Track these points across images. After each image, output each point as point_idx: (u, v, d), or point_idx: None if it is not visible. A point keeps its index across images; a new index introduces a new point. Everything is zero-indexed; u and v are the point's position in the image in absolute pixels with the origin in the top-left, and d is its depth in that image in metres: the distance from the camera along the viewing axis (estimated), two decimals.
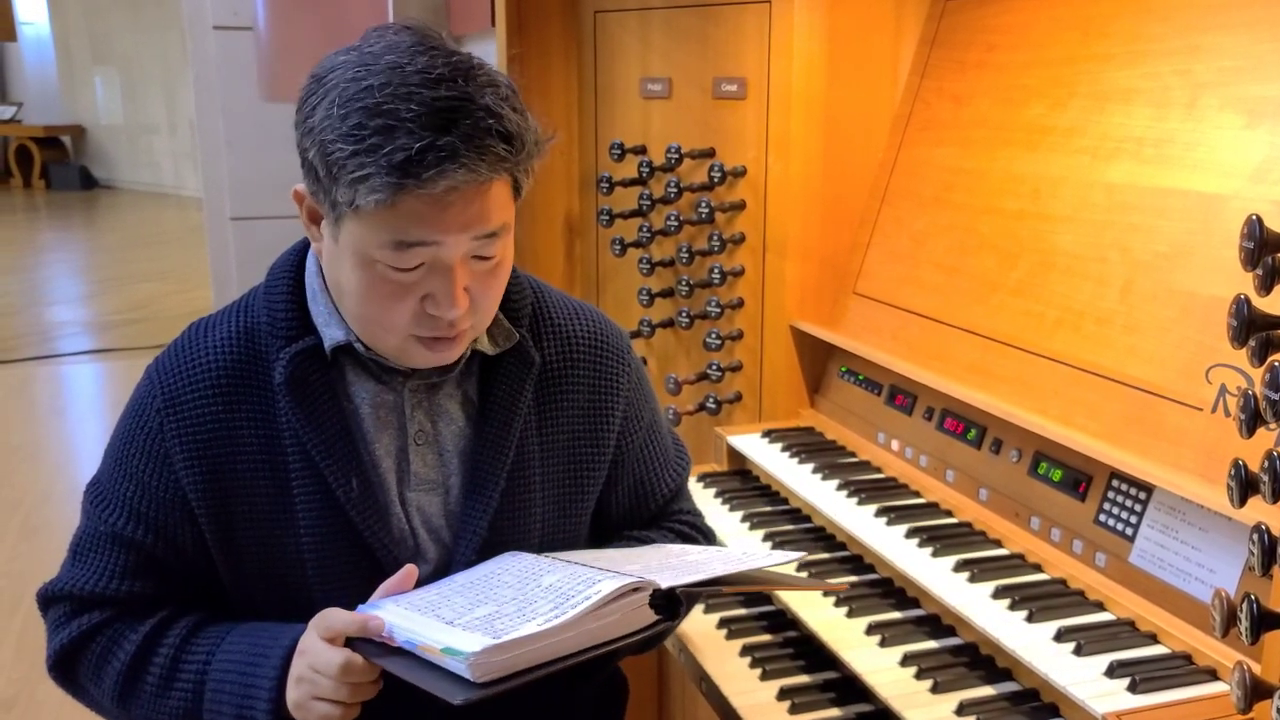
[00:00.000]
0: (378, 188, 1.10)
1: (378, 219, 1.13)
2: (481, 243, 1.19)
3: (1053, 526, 1.58)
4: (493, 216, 1.18)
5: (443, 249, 1.16)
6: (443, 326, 1.21)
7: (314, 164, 1.16)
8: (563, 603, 1.11)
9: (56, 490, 4.39)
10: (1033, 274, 1.73)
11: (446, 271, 1.17)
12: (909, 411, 1.93)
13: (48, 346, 6.77)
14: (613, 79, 2.51)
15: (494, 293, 1.25)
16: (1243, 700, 0.99)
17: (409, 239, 1.14)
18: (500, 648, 1.04)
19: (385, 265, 1.17)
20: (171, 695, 1.27)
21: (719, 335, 2.27)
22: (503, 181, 1.18)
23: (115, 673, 1.28)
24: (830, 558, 1.75)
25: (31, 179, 14.68)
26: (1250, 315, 0.98)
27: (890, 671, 1.41)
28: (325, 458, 1.25)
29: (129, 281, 8.61)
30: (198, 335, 1.30)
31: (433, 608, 1.16)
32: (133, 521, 1.27)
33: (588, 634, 1.10)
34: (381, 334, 1.23)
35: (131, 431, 1.29)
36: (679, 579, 1.17)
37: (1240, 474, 0.99)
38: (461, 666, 1.04)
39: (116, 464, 1.30)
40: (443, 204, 1.13)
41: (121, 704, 1.30)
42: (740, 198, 2.23)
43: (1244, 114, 1.46)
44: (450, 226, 1.15)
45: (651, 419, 1.50)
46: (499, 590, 1.18)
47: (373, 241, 1.15)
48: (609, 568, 1.20)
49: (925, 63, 2.12)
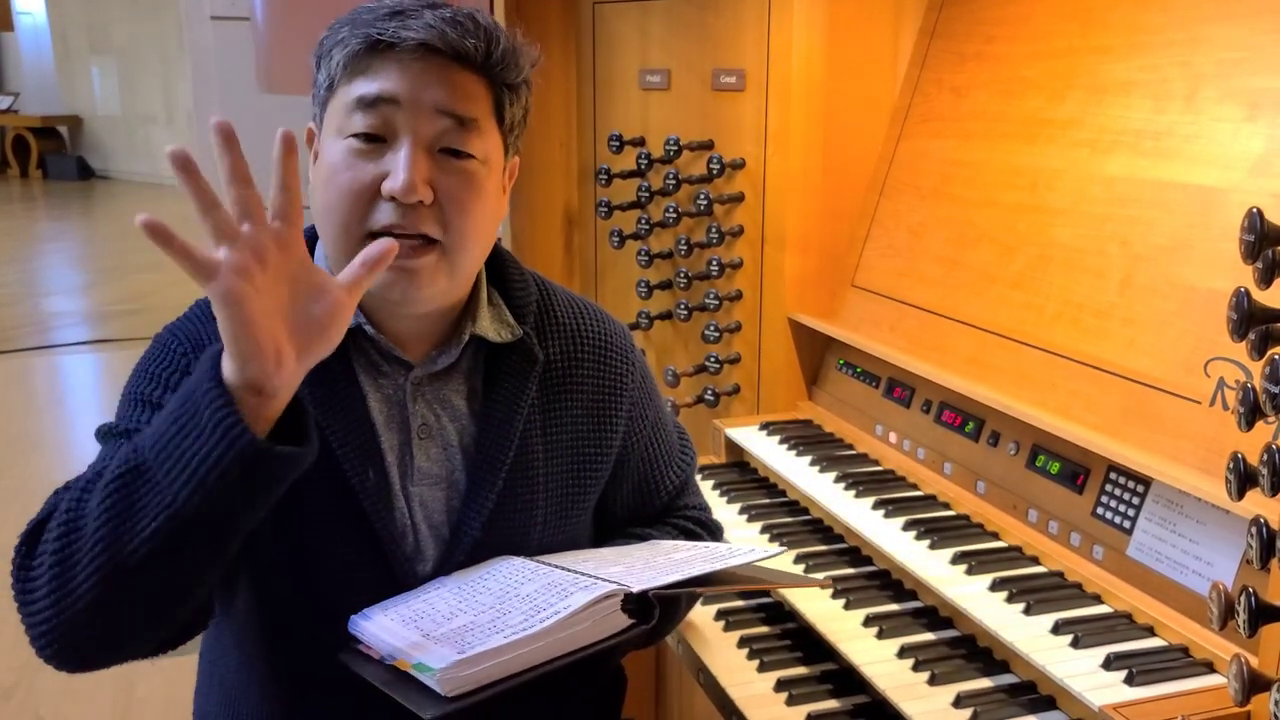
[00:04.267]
0: (351, 43, 1.18)
1: (350, 84, 1.19)
2: (450, 128, 1.20)
3: (1051, 519, 1.58)
4: (465, 102, 1.20)
5: (404, 112, 1.18)
6: (400, 217, 1.17)
7: (315, 76, 1.24)
8: (533, 615, 1.11)
9: (55, 480, 4.33)
10: (1031, 267, 1.73)
11: (406, 143, 1.18)
12: (907, 404, 1.93)
13: (46, 337, 6.77)
14: (611, 70, 2.50)
15: (467, 208, 1.21)
16: (1240, 693, 0.99)
17: (372, 94, 1.18)
18: (466, 662, 1.06)
19: (353, 137, 1.19)
20: (109, 488, 1.06)
21: (717, 327, 2.27)
22: (478, 82, 1.22)
23: (62, 518, 1.08)
24: (828, 550, 1.75)
25: (29, 169, 14.66)
26: (1250, 308, 0.98)
27: (888, 663, 1.41)
28: (343, 445, 1.24)
29: (127, 272, 8.60)
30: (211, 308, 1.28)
31: (416, 619, 1.16)
32: (143, 426, 1.16)
33: (558, 643, 1.11)
34: (345, 238, 1.19)
35: (152, 372, 1.24)
36: (653, 581, 1.16)
37: (1239, 467, 0.99)
38: (432, 681, 1.06)
39: (132, 400, 1.23)
40: (410, 67, 1.18)
41: (64, 553, 1.06)
42: (739, 190, 2.23)
43: (1244, 106, 1.46)
44: (415, 87, 1.18)
45: (656, 417, 1.50)
46: (479, 598, 1.19)
47: (343, 109, 1.19)
48: (591, 571, 1.20)
49: (924, 54, 2.12)
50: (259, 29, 3.32)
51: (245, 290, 1.00)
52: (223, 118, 1.02)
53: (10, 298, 7.79)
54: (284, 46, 2.92)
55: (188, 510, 1.01)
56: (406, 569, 1.28)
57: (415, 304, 1.24)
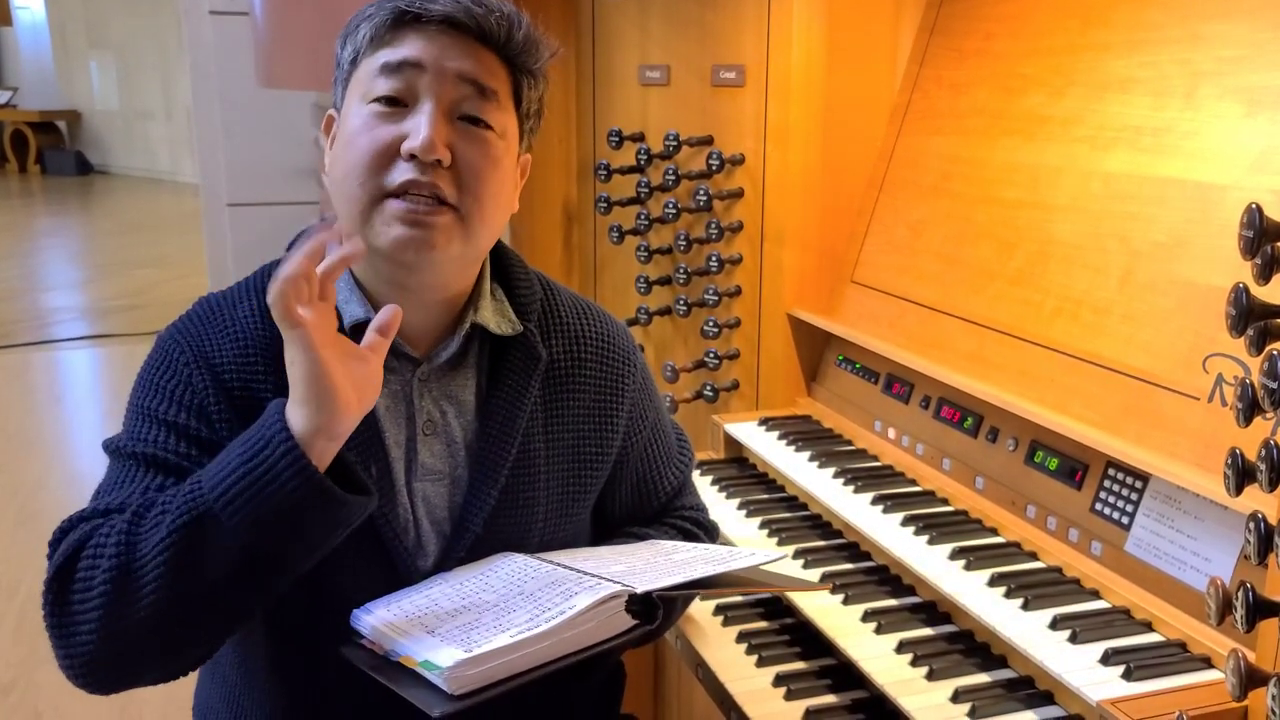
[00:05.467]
0: (379, 15, 1.22)
1: (375, 54, 1.23)
2: (471, 94, 1.23)
3: (1049, 515, 1.58)
4: (486, 74, 1.23)
5: (427, 77, 1.21)
6: (419, 174, 1.19)
7: (338, 57, 1.27)
8: (538, 615, 1.12)
9: (53, 477, 4.38)
10: (1031, 263, 1.73)
11: (428, 105, 1.21)
12: (906, 400, 1.93)
13: (44, 332, 6.76)
14: (611, 66, 2.50)
15: (484, 176, 1.23)
16: (1237, 688, 0.99)
17: (396, 59, 1.21)
18: (473, 660, 1.06)
19: (375, 101, 1.21)
20: (168, 524, 1.09)
21: (716, 323, 2.27)
22: (498, 62, 1.25)
23: (112, 552, 1.09)
24: (826, 545, 1.75)
25: (27, 164, 14.65)
26: (1248, 304, 0.98)
27: (886, 658, 1.42)
28: (347, 441, 1.24)
29: (126, 267, 8.60)
30: (219, 307, 1.29)
31: (419, 613, 1.17)
32: (159, 449, 1.20)
33: (563, 642, 1.11)
34: (363, 198, 1.21)
35: (158, 384, 1.24)
36: (657, 582, 1.17)
37: (1237, 463, 0.99)
38: (439, 679, 1.06)
39: (142, 416, 1.24)
40: (434, 38, 1.22)
41: (117, 591, 1.08)
42: (738, 185, 2.23)
43: (1243, 103, 1.46)
44: (438, 55, 1.21)
45: (656, 418, 1.50)
46: (483, 595, 1.19)
47: (368, 77, 1.23)
48: (593, 571, 1.21)
49: (924, 51, 2.12)
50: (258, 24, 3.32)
51: (326, 338, 1.09)
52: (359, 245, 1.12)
53: (9, 293, 7.78)
54: (283, 41, 2.92)
55: (251, 558, 1.09)
56: (408, 564, 1.28)
57: (428, 268, 1.24)
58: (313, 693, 1.30)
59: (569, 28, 2.56)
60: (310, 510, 1.08)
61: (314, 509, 1.08)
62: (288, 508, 1.07)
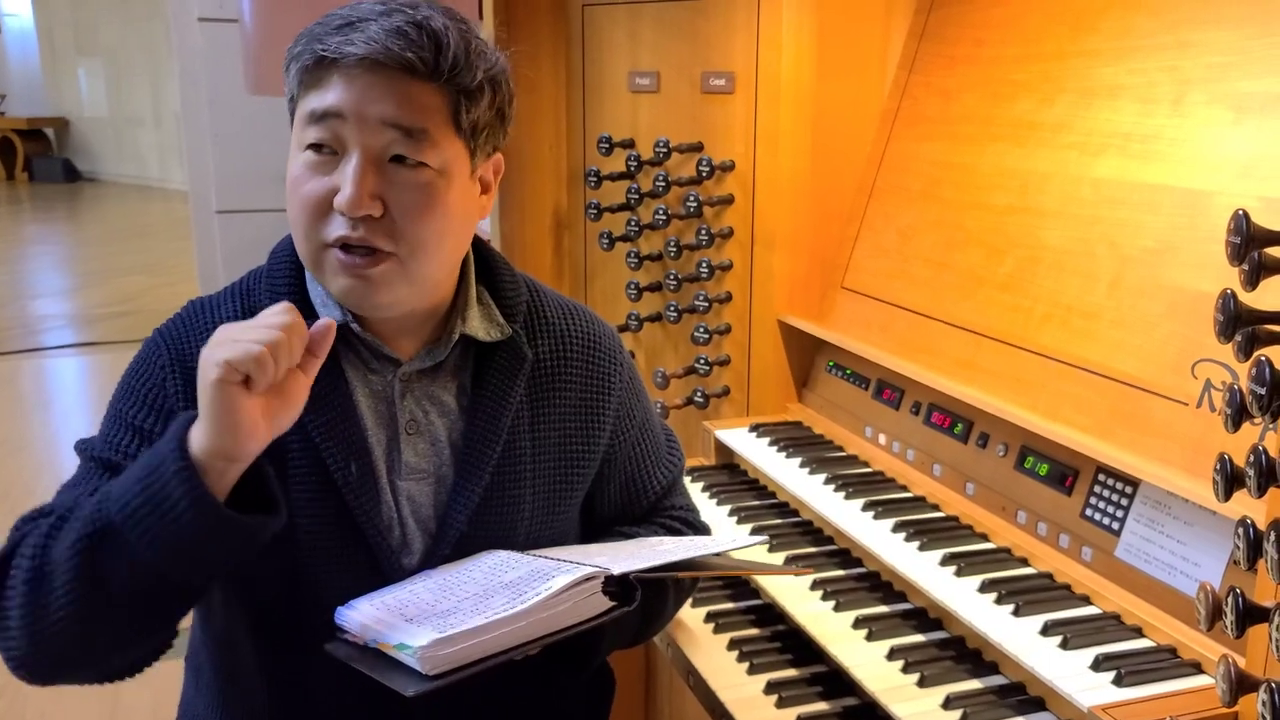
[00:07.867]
0: (303, 57, 1.19)
1: (305, 98, 1.20)
2: (397, 138, 1.18)
3: (1039, 520, 1.58)
4: (412, 114, 1.18)
5: (350, 126, 1.17)
6: (350, 230, 1.18)
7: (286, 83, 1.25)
8: (515, 598, 1.13)
9: (41, 484, 4.36)
10: (1020, 269, 1.73)
11: (354, 156, 1.18)
12: (896, 406, 1.93)
13: (32, 340, 6.74)
14: (601, 73, 2.50)
15: (420, 218, 1.20)
16: (1228, 693, 1.00)
17: (320, 108, 1.18)
18: (447, 640, 1.07)
19: (309, 149, 1.20)
20: (73, 534, 1.11)
21: (707, 329, 2.27)
22: (431, 90, 1.19)
23: (29, 554, 1.12)
24: (818, 551, 1.75)
25: (15, 171, 14.60)
26: (1236, 310, 0.98)
27: (877, 665, 1.41)
28: (326, 439, 1.25)
29: (114, 275, 8.57)
30: (204, 310, 1.31)
31: (400, 606, 1.17)
32: (116, 455, 1.23)
33: (538, 623, 1.12)
34: (306, 247, 1.22)
35: (133, 387, 1.27)
36: (634, 565, 1.18)
37: (1225, 468, 0.99)
38: (412, 660, 1.07)
39: (114, 419, 1.26)
40: (356, 80, 1.17)
41: (32, 593, 1.10)
42: (728, 192, 2.23)
43: (1231, 110, 1.46)
44: (360, 101, 1.17)
45: (644, 417, 1.50)
46: (464, 586, 1.20)
47: (301, 122, 1.21)
48: (574, 559, 1.22)
49: (914, 57, 2.12)
50: (247, 31, 3.31)
51: (237, 392, 1.06)
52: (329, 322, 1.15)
53: None
54: (272, 48, 2.92)
55: (153, 575, 1.09)
56: (392, 562, 1.28)
57: (375, 310, 1.25)
58: (297, 693, 1.30)
59: (558, 34, 2.56)
60: (202, 532, 1.07)
61: (205, 530, 1.07)
62: (181, 528, 1.07)
